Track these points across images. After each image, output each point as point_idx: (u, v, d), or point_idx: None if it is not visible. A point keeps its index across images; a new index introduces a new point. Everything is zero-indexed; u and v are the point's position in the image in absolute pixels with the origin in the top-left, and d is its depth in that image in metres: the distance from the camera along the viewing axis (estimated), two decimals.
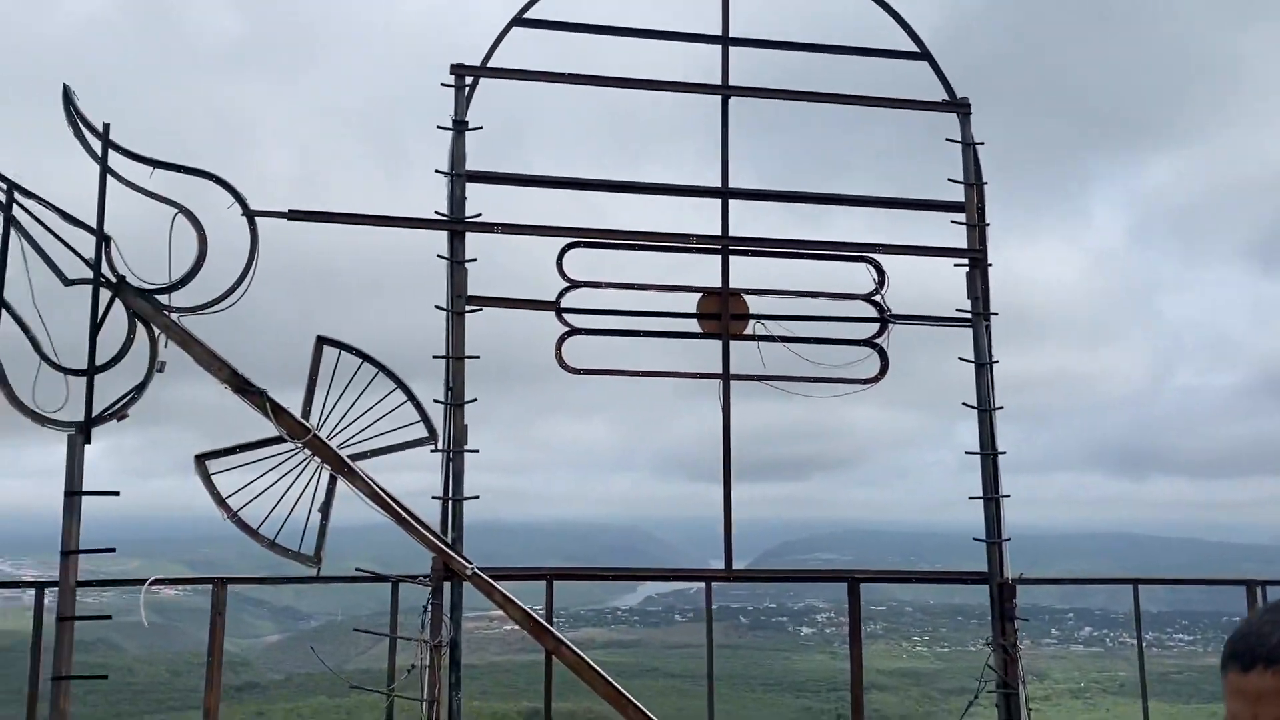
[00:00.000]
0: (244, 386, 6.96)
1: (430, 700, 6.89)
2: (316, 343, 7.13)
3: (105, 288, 6.80)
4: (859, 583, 7.82)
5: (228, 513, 6.91)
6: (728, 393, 7.66)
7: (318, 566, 6.99)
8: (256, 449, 7.00)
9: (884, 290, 7.99)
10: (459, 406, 7.28)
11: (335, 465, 7.02)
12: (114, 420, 6.77)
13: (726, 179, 7.85)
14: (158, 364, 6.85)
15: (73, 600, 6.59)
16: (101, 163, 6.83)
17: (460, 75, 7.59)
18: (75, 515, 6.64)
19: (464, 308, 7.37)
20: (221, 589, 7.01)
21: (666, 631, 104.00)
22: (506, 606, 7.14)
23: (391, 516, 7.06)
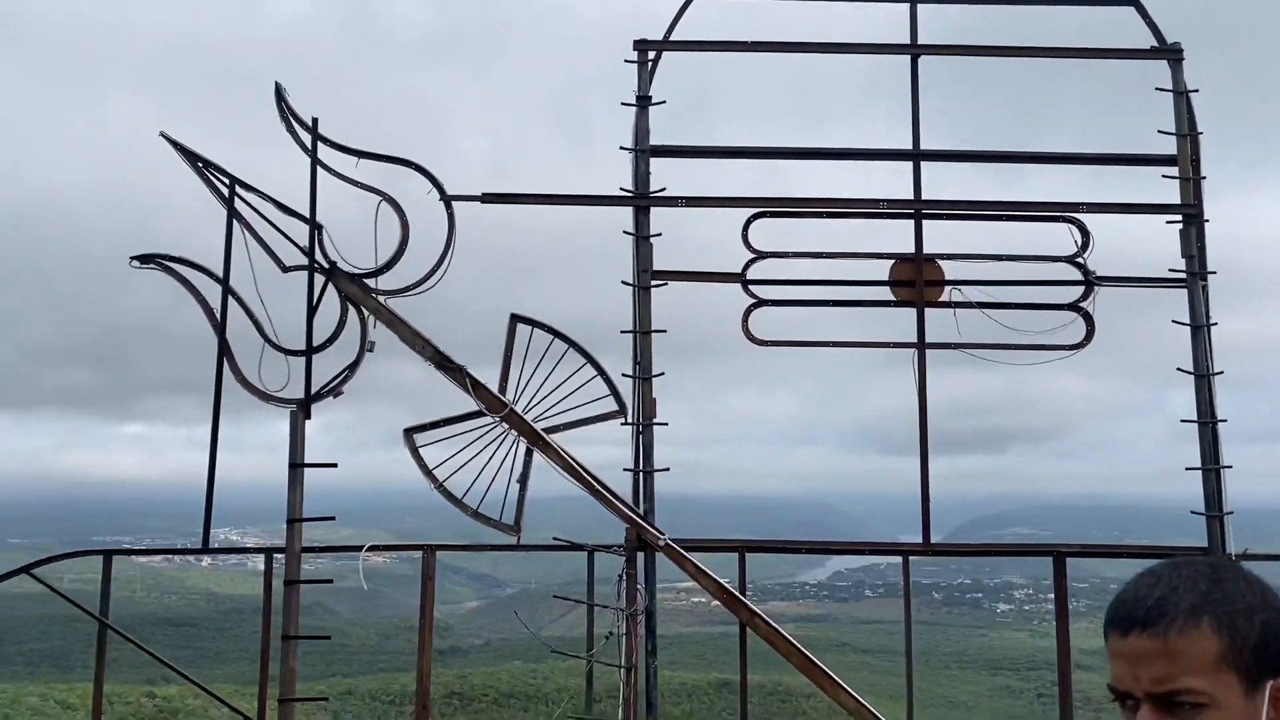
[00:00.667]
0: (445, 364, 7.28)
1: (628, 667, 7.06)
2: (510, 321, 7.37)
3: (319, 273, 7.24)
4: (1065, 558, 7.50)
5: (434, 483, 7.26)
6: (923, 362, 7.46)
7: (518, 535, 7.26)
8: (458, 423, 7.32)
9: (1088, 251, 7.58)
10: (647, 380, 7.37)
11: (531, 438, 7.25)
12: (330, 397, 7.22)
13: (918, 141, 7.62)
14: (368, 344, 7.25)
15: (298, 566, 7.09)
16: (312, 155, 7.25)
17: (643, 50, 7.64)
18: (299, 486, 7.13)
19: (649, 282, 7.45)
20: (431, 556, 7.37)
21: (856, 606, 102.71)
22: (699, 577, 7.21)
23: (585, 488, 7.25)
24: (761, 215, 7.57)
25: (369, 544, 7.65)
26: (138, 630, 7.69)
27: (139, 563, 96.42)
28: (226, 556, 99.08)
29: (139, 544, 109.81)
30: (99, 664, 7.39)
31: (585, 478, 7.22)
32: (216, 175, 7.21)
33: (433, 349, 7.27)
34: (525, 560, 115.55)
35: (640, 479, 7.34)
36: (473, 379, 7.25)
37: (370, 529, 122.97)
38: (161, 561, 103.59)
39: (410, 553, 7.87)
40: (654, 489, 7.35)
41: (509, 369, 7.33)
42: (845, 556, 54.17)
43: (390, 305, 7.29)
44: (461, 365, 7.26)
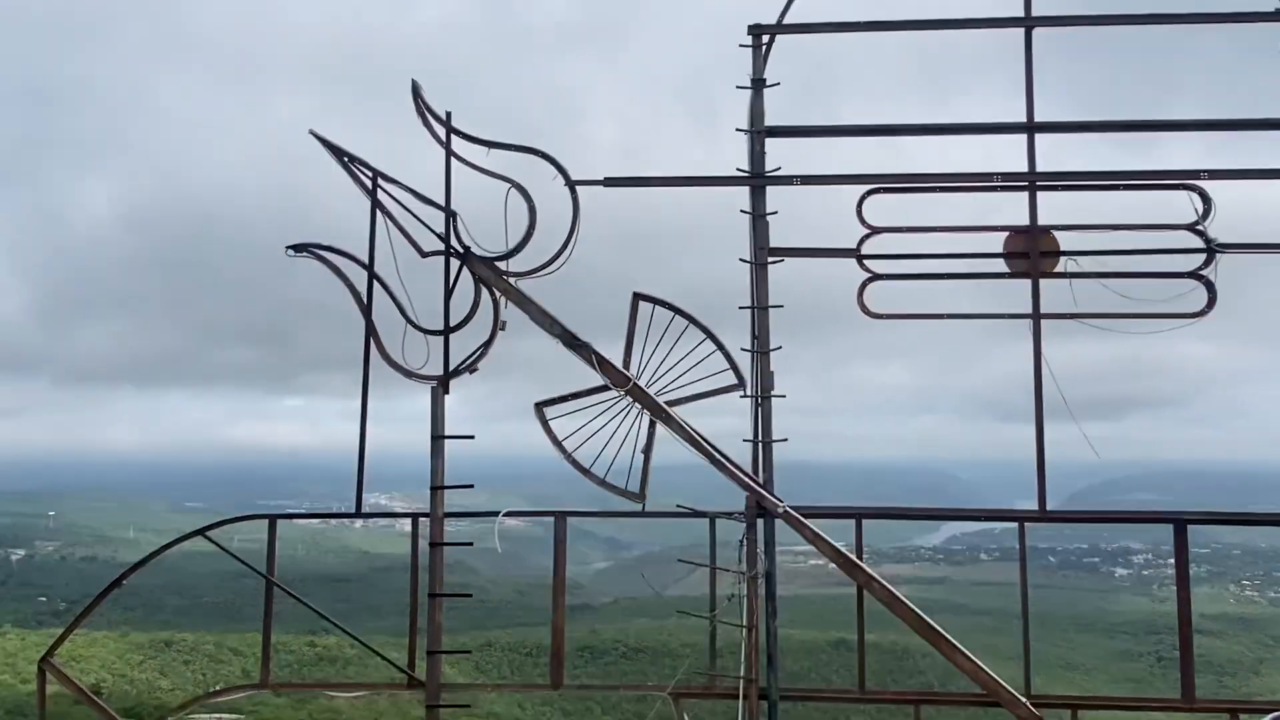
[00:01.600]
0: (572, 341, 7.37)
1: (749, 626, 7.08)
2: (633, 299, 7.41)
3: (454, 258, 7.41)
4: (1186, 524, 7.17)
5: (564, 453, 7.38)
6: (1039, 332, 7.20)
7: (642, 502, 7.32)
8: (585, 396, 7.41)
9: (1210, 219, 7.18)
10: (764, 354, 7.33)
11: (654, 411, 7.29)
12: (467, 373, 7.40)
13: (1032, 113, 7.32)
14: (500, 323, 7.40)
15: (442, 529, 7.32)
16: (446, 146, 7.40)
17: (757, 34, 7.54)
18: (440, 456, 7.34)
19: (766, 259, 7.39)
20: (562, 521, 7.51)
21: (971, 570, 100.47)
22: (817, 542, 7.16)
23: (706, 458, 7.27)
24: (875, 191, 7.42)
25: (505, 509, 7.85)
26: (299, 586, 8.10)
27: (300, 525, 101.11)
28: (377, 520, 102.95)
29: (299, 508, 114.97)
30: (266, 616, 7.80)
31: (706, 448, 7.23)
32: (360, 169, 7.43)
33: (560, 327, 7.37)
34: (649, 525, 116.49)
35: (759, 449, 7.31)
36: (598, 355, 7.32)
37: (506, 495, 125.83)
38: (319, 524, 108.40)
39: (543, 518, 8.04)
40: (773, 458, 7.32)
41: (632, 345, 7.38)
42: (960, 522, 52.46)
43: (520, 286, 7.40)
44: (588, 342, 7.35)
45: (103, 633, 54.46)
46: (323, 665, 50.21)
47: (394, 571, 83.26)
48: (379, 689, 8.42)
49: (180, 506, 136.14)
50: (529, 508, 8.84)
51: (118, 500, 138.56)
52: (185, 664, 56.07)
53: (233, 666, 55.20)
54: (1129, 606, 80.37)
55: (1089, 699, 7.77)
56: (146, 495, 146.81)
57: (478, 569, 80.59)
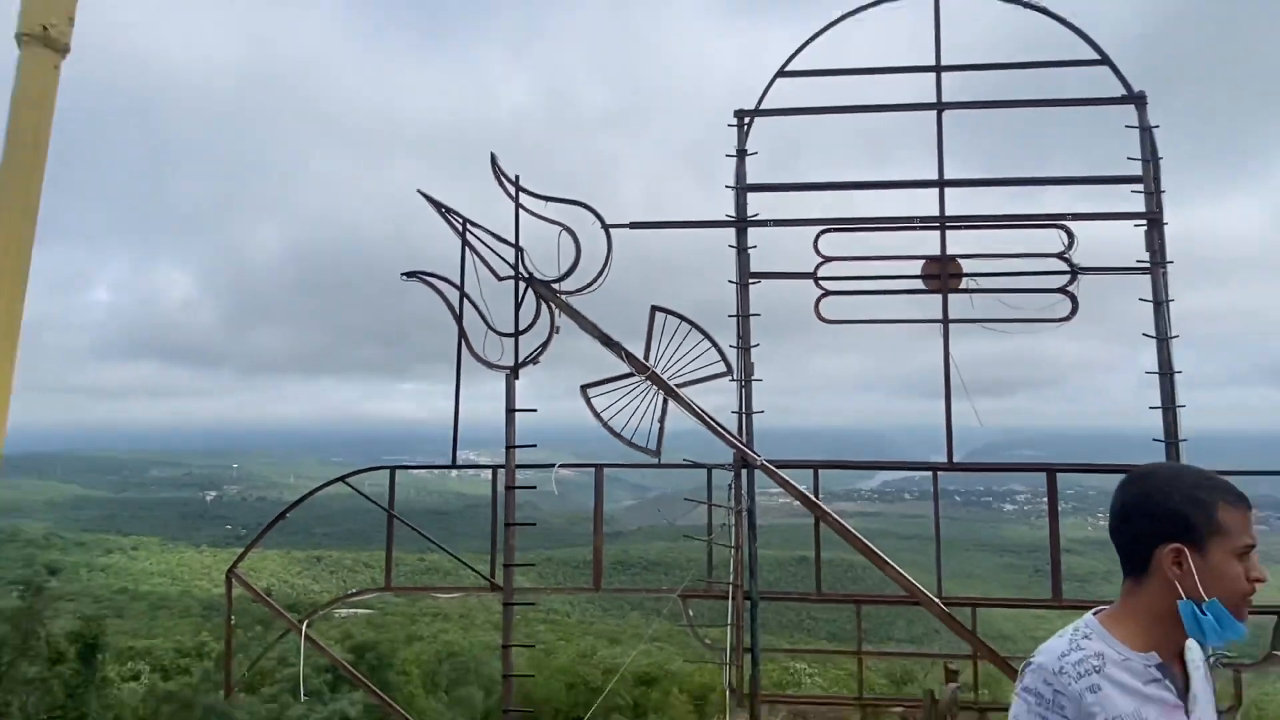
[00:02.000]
0: (607, 341, 7.38)
1: (736, 546, 7.07)
2: (651, 311, 7.39)
3: (522, 281, 7.43)
4: (1056, 473, 7.11)
5: (602, 422, 7.38)
6: (947, 334, 7.15)
7: (659, 457, 7.32)
8: (617, 381, 7.42)
9: (1073, 249, 7.10)
10: (747, 349, 7.31)
11: (667, 391, 7.29)
12: (531, 365, 7.43)
13: (942, 172, 7.26)
14: (555, 328, 7.41)
15: (514, 477, 7.35)
16: (515, 200, 7.41)
17: (741, 116, 7.52)
18: (512, 425, 7.37)
19: (748, 280, 7.37)
20: (600, 472, 7.52)
21: (899, 506, 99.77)
22: (786, 486, 7.15)
23: (705, 425, 7.26)
24: (827, 231, 7.38)
25: (560, 463, 7.85)
26: (412, 517, 8.17)
27: (413, 474, 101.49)
28: (468, 470, 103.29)
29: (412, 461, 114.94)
30: (388, 540, 7.86)
31: (704, 418, 7.22)
32: (454, 217, 7.46)
33: (599, 331, 7.38)
34: (664, 474, 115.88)
35: (743, 419, 7.29)
36: (626, 351, 7.33)
37: (561, 452, 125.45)
38: (427, 474, 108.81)
39: (587, 469, 8.05)
40: (753, 426, 7.30)
41: (651, 343, 7.38)
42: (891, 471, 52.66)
43: (570, 302, 7.42)
44: (618, 342, 7.35)
45: (273, 551, 55.05)
46: (429, 574, 50.61)
47: (480, 508, 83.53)
48: (470, 591, 8.47)
49: (328, 461, 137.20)
50: (577, 461, 8.85)
51: (282, 457, 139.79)
52: (330, 574, 56.60)
53: (364, 576, 55.70)
54: (1014, 534, 79.58)
55: (985, 600, 7.70)
56: (303, 453, 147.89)
57: (540, 506, 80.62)
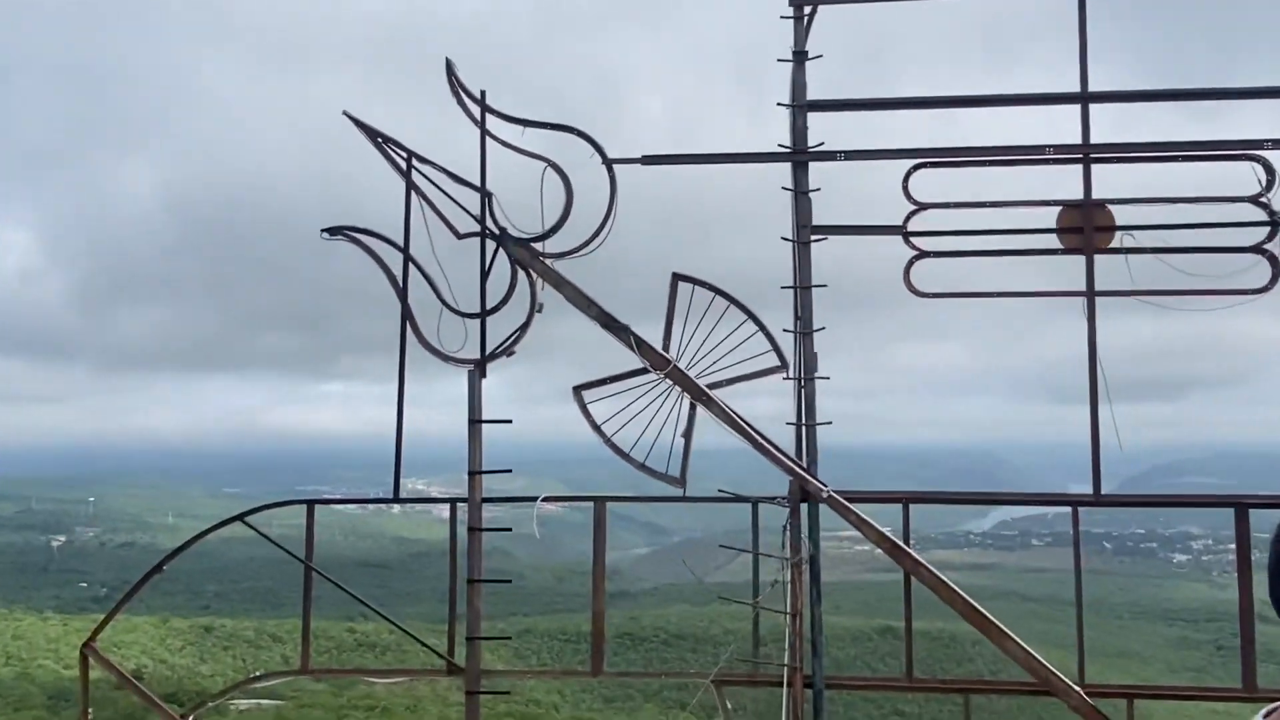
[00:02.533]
0: (610, 323, 7.39)
1: (793, 613, 7.08)
2: (672, 280, 7.39)
3: (490, 239, 7.44)
4: (1248, 508, 7.05)
5: (603, 437, 7.40)
6: (1093, 310, 7.09)
7: (683, 487, 7.33)
8: (624, 380, 7.41)
9: (1274, 190, 7.01)
10: (808, 335, 7.30)
11: (694, 394, 7.29)
12: (504, 356, 7.44)
13: (1085, 83, 7.18)
14: (537, 305, 7.42)
15: (480, 514, 7.39)
16: (480, 126, 7.42)
17: (799, 5, 7.47)
18: (478, 440, 7.40)
19: (809, 238, 7.34)
20: (602, 506, 7.55)
21: (1022, 555, 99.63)
22: (863, 527, 7.14)
23: (748, 442, 7.25)
24: (922, 166, 7.32)
25: (544, 494, 7.89)
26: (337, 572, 8.20)
27: (337, 510, 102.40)
28: (415, 505, 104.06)
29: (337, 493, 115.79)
30: (305, 602, 7.91)
31: (748, 432, 7.22)
32: (395, 150, 7.48)
33: (598, 309, 7.39)
34: (690, 510, 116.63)
35: (802, 432, 7.29)
36: (637, 337, 7.33)
37: (545, 479, 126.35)
38: (357, 510, 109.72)
39: (582, 503, 8.08)
40: (816, 442, 7.29)
41: (672, 326, 7.37)
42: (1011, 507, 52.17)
43: (557, 267, 7.42)
44: (626, 324, 7.36)
45: (143, 618, 55.69)
46: (361, 651, 51.04)
47: (431, 557, 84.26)
48: (418, 675, 8.53)
49: (218, 492, 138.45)
50: (567, 493, 8.91)
51: (157, 486, 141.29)
52: (225, 649, 57.19)
53: (272, 652, 56.21)
54: (1187, 593, 79.30)
55: (1146, 688, 7.68)
56: (185, 481, 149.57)
57: (516, 554, 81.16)
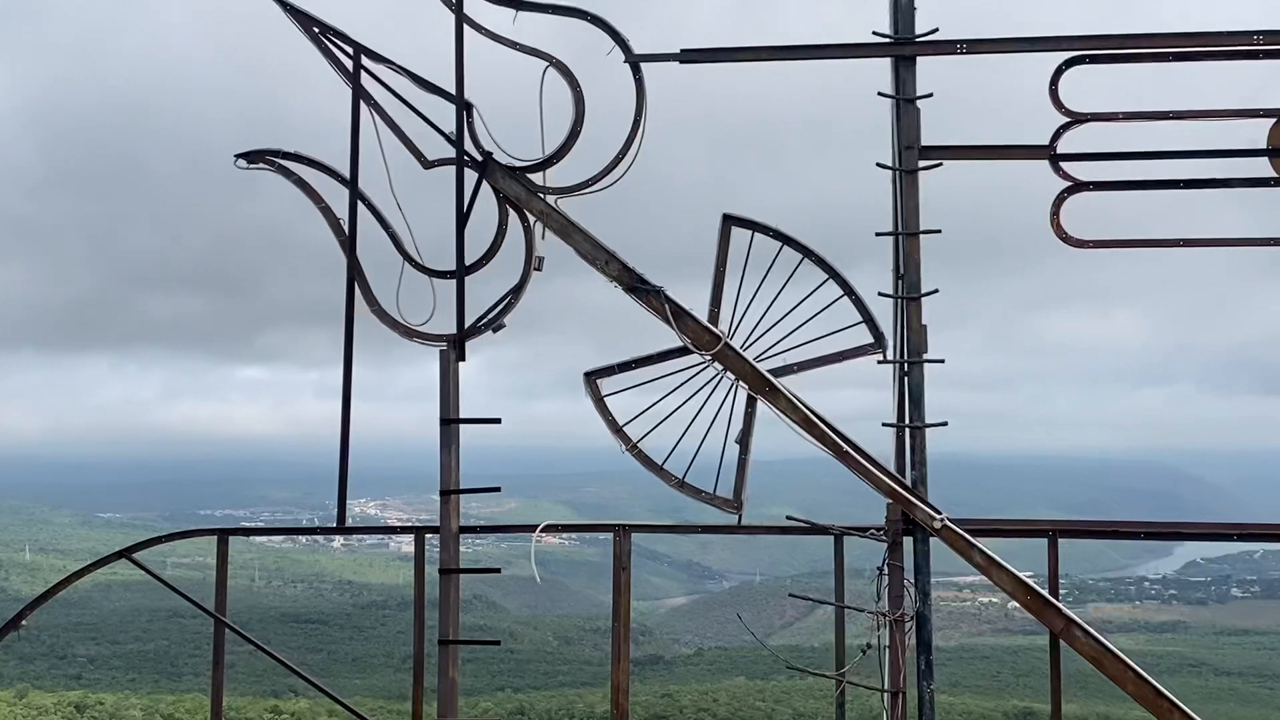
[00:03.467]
0: (636, 284, 7.42)
1: (893, 691, 7.11)
2: (723, 224, 7.42)
3: (470, 168, 7.49)
4: None
5: (626, 443, 7.45)
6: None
7: (738, 513, 7.37)
8: (656, 363, 7.46)
9: None
10: (914, 300, 7.31)
11: (753, 382, 7.32)
12: (490, 331, 7.51)
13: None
14: (535, 260, 7.47)
15: (457, 549, 7.47)
16: (456, 10, 7.45)
17: None
18: (453, 447, 7.47)
19: (916, 163, 7.33)
20: (624, 537, 7.56)
21: (1219, 611, 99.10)
22: (991, 571, 7.15)
23: (829, 449, 7.27)
24: (1079, 61, 7.29)
25: (544, 523, 7.93)
26: (258, 628, 8.31)
27: (258, 543, 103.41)
28: (365, 537, 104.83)
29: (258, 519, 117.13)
30: (216, 670, 8.02)
31: (828, 435, 7.24)
32: (339, 45, 7.52)
33: (620, 265, 7.42)
34: (747, 545, 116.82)
35: (906, 435, 7.31)
36: (674, 305, 7.36)
37: (544, 501, 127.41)
38: (286, 542, 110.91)
39: (597, 533, 8.14)
40: (925, 448, 7.31)
41: (722, 289, 7.40)
42: (1206, 543, 52.16)
43: (562, 207, 7.47)
44: (659, 286, 7.39)
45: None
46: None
47: (388, 609, 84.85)
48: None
49: (93, 519, 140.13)
50: (576, 520, 8.98)
51: (10, 510, 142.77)
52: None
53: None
54: None
55: None
56: (49, 502, 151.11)
57: (506, 606, 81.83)
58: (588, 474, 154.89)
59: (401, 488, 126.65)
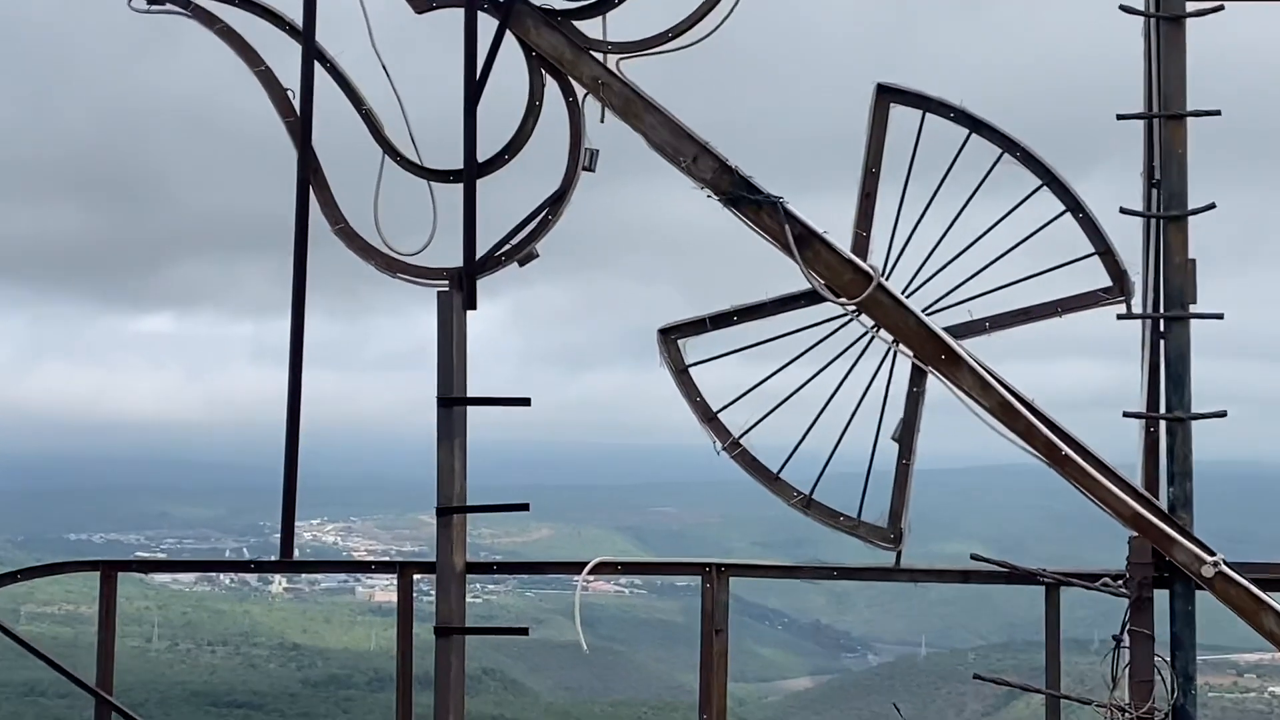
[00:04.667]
0: (741, 193, 7.43)
1: None
2: (877, 99, 7.46)
3: (487, 11, 7.53)
4: None
5: (721, 439, 7.47)
6: None
7: (896, 549, 7.39)
8: (770, 316, 7.50)
9: None
10: (1176, 221, 7.29)
11: (921, 347, 7.33)
12: (514, 264, 7.59)
13: None
14: (584, 156, 7.49)
15: (462, 599, 7.52)
16: None
17: None
18: (457, 444, 7.52)
19: (1184, 6, 7.30)
20: (718, 585, 7.60)
21: None
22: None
23: (1038, 452, 7.26)
24: None
25: (594, 560, 7.97)
26: (157, 713, 8.47)
27: (160, 584, 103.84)
28: (321, 577, 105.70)
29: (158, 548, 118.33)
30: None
31: (1037, 430, 7.22)
32: None
33: (715, 163, 7.44)
34: (907, 600, 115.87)
35: (1161, 432, 7.29)
36: (799, 225, 7.37)
37: (592, 526, 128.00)
38: (200, 583, 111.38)
39: (674, 577, 8.15)
40: (1191, 453, 7.29)
41: (874, 202, 7.42)
42: None
43: (624, 71, 7.51)
44: (776, 197, 7.38)
45: None
46: None
47: (354, 690, 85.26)
48: None
49: None
50: (641, 556, 8.99)
51: None
52: None
53: None
54: None
55: None
56: None
57: (533, 688, 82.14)
58: (659, 485, 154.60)
59: (375, 503, 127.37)
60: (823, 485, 7.40)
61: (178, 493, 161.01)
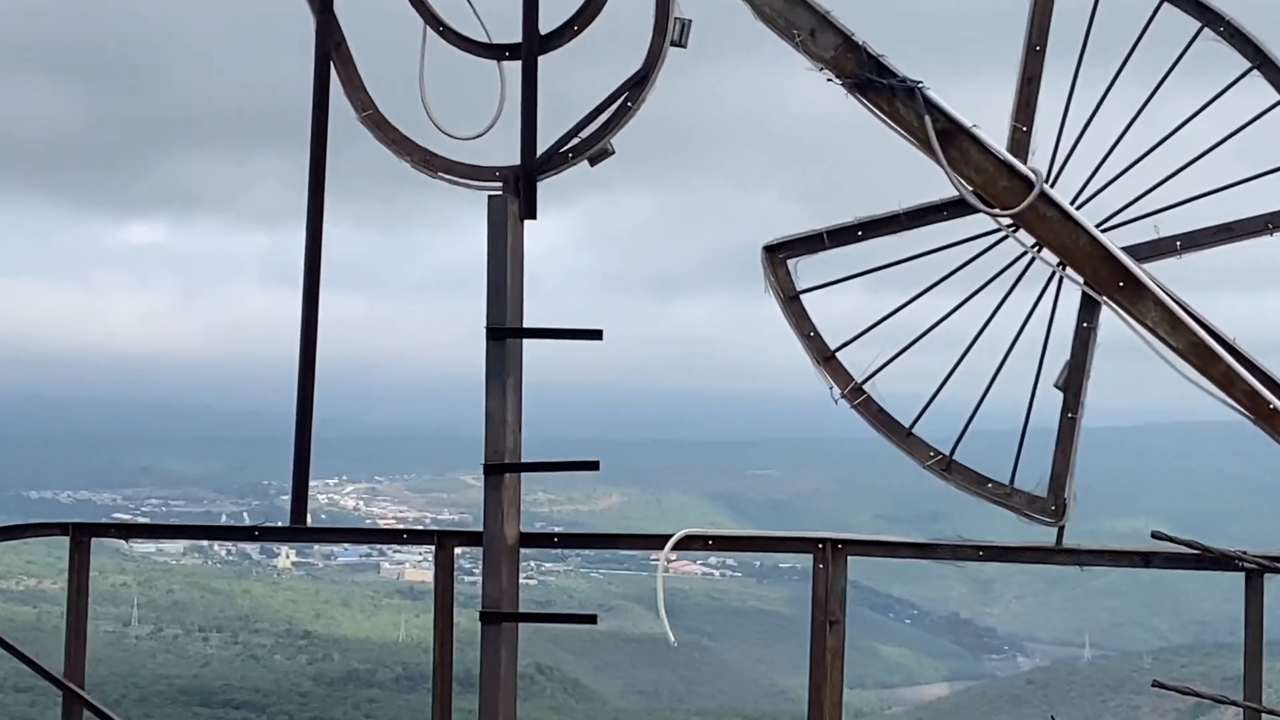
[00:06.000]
0: (871, 75, 7.41)
1: None
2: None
3: None
4: None
5: (841, 384, 7.46)
6: None
7: (1058, 524, 7.41)
8: (904, 231, 7.50)
9: None
10: None
11: (1095, 271, 7.30)
12: (584, 162, 7.61)
13: None
14: (674, 25, 7.47)
15: (515, 577, 7.54)
16: None
17: None
18: (509, 385, 7.54)
19: None
20: (832, 565, 7.65)
21: None
22: None
23: (1241, 406, 7.24)
24: None
25: (679, 532, 8.00)
26: (136, 713, 8.58)
27: (142, 554, 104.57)
28: (338, 548, 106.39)
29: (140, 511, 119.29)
30: None
31: (1239, 378, 7.19)
32: None
33: (838, 37, 7.42)
34: (1068, 589, 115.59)
35: None
36: (943, 116, 7.35)
37: (675, 491, 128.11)
38: (190, 554, 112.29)
39: (778, 555, 8.17)
40: None
41: (1038, 89, 7.39)
42: None
43: None
44: (916, 81, 7.36)
45: None
46: None
47: (379, 688, 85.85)
48: None
49: None
50: (735, 527, 9.01)
51: None
52: None
53: None
54: None
55: None
56: None
57: (601, 691, 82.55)
58: (760, 443, 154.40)
59: (407, 459, 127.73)
60: (966, 443, 7.40)
61: (164, 443, 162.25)
